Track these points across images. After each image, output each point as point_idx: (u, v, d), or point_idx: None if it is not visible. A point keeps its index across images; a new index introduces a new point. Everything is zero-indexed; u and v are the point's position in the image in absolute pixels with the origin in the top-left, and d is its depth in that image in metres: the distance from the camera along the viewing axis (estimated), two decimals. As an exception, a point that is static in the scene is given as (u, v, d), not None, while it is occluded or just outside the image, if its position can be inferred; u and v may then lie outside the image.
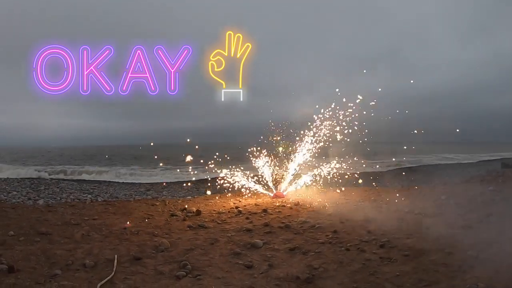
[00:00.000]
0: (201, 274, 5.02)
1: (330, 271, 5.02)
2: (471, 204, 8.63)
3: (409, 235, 6.38)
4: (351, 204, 10.04)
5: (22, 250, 5.91)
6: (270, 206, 10.39)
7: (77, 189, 14.85)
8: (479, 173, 15.16)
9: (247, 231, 7.40)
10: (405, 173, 19.61)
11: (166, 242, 6.40)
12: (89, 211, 9.65)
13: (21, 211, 9.46)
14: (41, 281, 4.76)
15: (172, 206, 10.53)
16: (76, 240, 6.75)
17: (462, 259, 4.99)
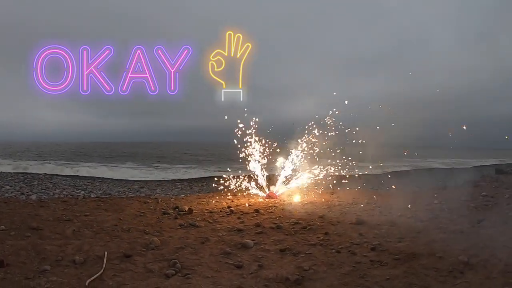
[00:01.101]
0: (190, 273, 4.99)
1: (320, 273, 5.01)
2: (463, 209, 8.65)
3: (400, 239, 6.39)
4: (343, 207, 10.04)
5: (13, 245, 5.87)
6: (262, 206, 10.39)
7: (71, 185, 14.77)
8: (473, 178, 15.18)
9: (238, 231, 7.39)
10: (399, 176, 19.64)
11: (156, 240, 6.37)
12: (81, 207, 9.61)
13: (13, 205, 9.42)
14: (30, 276, 4.73)
15: (165, 204, 10.50)
16: (67, 236, 6.72)
17: (453, 264, 4.99)
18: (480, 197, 10.06)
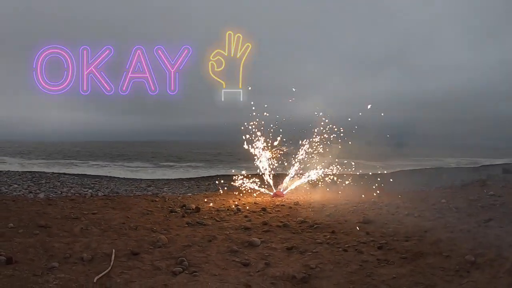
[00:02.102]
0: (197, 271, 5.02)
1: (326, 271, 5.02)
2: (470, 208, 8.61)
3: (407, 238, 6.38)
4: (350, 205, 10.02)
5: (21, 242, 5.94)
6: (269, 205, 10.41)
7: (78, 183, 14.84)
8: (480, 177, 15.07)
9: (245, 229, 7.41)
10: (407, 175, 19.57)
11: (164, 238, 6.41)
12: (89, 205, 9.68)
13: (22, 204, 9.50)
14: (38, 273, 4.78)
15: (172, 202, 10.55)
16: (75, 234, 6.78)
17: (460, 263, 4.99)
18: (487, 197, 9.99)
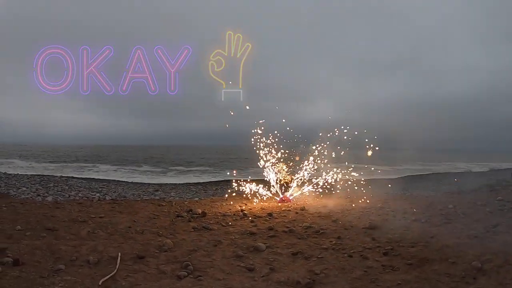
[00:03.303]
0: (202, 275, 5.04)
1: (331, 277, 5.01)
2: (478, 213, 8.54)
3: (413, 244, 6.34)
4: (357, 211, 9.99)
5: (28, 245, 5.99)
6: (275, 210, 10.39)
7: (86, 187, 14.93)
8: (489, 182, 14.94)
9: (251, 234, 7.41)
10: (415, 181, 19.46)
11: (169, 242, 6.43)
12: (96, 209, 9.74)
13: (30, 206, 9.59)
14: (45, 275, 4.84)
15: (178, 207, 10.57)
16: (82, 237, 6.83)
17: (466, 269, 4.95)
18: (495, 202, 9.92)
